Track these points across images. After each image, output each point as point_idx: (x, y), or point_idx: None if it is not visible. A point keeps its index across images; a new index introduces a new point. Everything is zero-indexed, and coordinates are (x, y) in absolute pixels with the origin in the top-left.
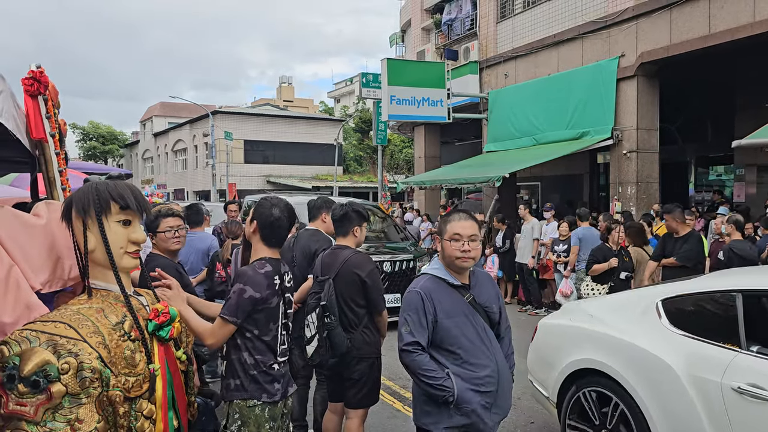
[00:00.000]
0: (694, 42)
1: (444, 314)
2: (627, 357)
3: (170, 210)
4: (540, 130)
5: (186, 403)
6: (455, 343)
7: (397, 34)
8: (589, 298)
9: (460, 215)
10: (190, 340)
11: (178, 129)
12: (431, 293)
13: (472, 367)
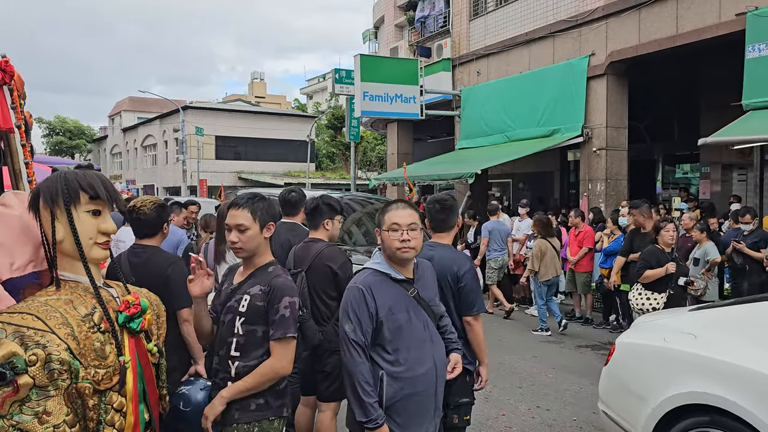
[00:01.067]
0: (662, 42)
1: (386, 311)
2: (758, 391)
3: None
4: (512, 127)
5: (157, 396)
6: (396, 341)
7: (371, 31)
8: (648, 311)
9: (398, 204)
10: (161, 332)
11: (147, 124)
12: (372, 289)
13: (411, 366)
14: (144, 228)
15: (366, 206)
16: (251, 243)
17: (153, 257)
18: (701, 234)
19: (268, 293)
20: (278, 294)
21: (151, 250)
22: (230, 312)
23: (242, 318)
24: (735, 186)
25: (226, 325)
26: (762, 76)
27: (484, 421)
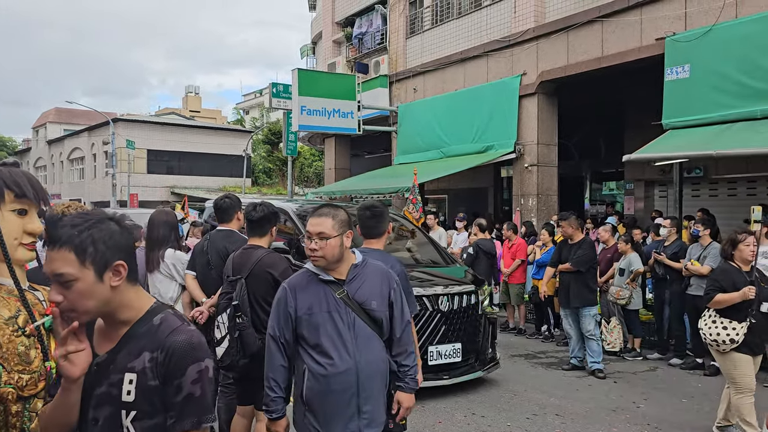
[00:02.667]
0: (588, 63)
1: (305, 310)
2: None
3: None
4: (447, 143)
5: None
6: (314, 339)
7: (308, 46)
8: (726, 343)
9: (317, 212)
10: None
11: (75, 137)
12: (296, 288)
13: (329, 364)
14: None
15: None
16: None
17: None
18: (626, 245)
19: (161, 363)
20: (178, 363)
21: None
22: (105, 403)
23: (131, 411)
24: (657, 202)
25: (101, 426)
26: (680, 97)
27: (421, 430)
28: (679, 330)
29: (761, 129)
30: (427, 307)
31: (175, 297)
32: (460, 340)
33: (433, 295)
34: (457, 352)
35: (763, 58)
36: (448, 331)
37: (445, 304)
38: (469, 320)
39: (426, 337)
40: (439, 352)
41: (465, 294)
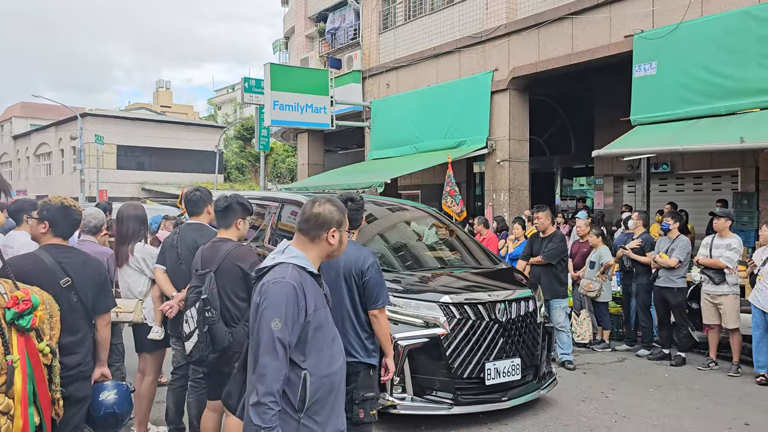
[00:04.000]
0: (559, 59)
1: (312, 308)
2: None
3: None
4: (420, 138)
5: (49, 399)
6: (316, 339)
7: (281, 41)
8: None
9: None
10: (54, 332)
11: (42, 131)
12: (302, 285)
13: (330, 362)
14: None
15: (395, 212)
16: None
17: (89, 260)
18: (597, 239)
19: None
20: None
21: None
22: None
23: None
24: (626, 197)
25: None
26: (648, 93)
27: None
28: (646, 322)
29: (725, 125)
30: (482, 316)
31: (144, 291)
32: (518, 354)
33: (489, 303)
34: (516, 368)
35: (726, 56)
36: (506, 344)
37: (502, 313)
38: (528, 330)
39: (482, 352)
40: (497, 369)
41: (523, 300)
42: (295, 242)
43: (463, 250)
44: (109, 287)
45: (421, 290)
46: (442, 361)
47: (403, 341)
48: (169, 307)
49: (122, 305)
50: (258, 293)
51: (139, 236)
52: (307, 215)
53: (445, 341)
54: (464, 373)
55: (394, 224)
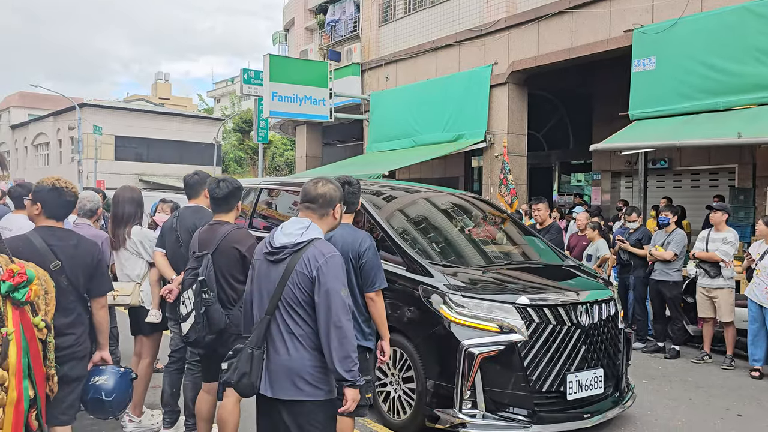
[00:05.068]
0: (558, 54)
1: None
2: None
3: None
4: (419, 132)
5: (44, 374)
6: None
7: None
8: None
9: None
10: (49, 308)
11: (40, 121)
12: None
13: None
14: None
15: (441, 200)
16: None
17: (81, 243)
18: (594, 232)
19: None
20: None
21: (75, 235)
22: None
23: None
24: (623, 192)
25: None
26: (646, 88)
27: None
28: (642, 315)
29: (723, 121)
30: (563, 320)
31: (141, 274)
32: (601, 365)
33: (571, 305)
34: (599, 380)
35: (725, 52)
36: (588, 352)
37: (584, 317)
38: (610, 337)
39: (563, 363)
40: (579, 381)
41: (604, 302)
42: (307, 218)
43: (523, 244)
44: (103, 270)
45: (493, 289)
46: (519, 372)
47: (474, 349)
48: (168, 291)
49: (119, 288)
50: (311, 266)
51: (136, 219)
52: (313, 194)
53: (523, 349)
54: (543, 387)
55: (442, 213)
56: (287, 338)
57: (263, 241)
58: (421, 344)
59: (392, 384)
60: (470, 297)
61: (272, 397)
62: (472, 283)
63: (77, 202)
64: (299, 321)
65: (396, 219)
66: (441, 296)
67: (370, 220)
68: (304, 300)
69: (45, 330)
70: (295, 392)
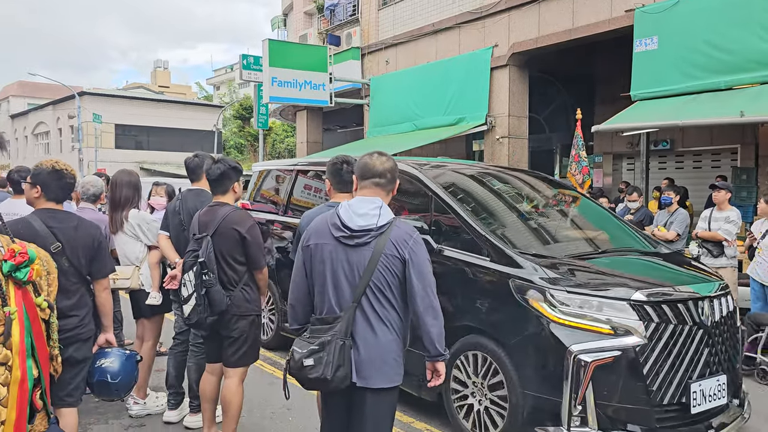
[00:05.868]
0: (559, 35)
1: None
2: None
3: None
4: (419, 115)
5: (47, 354)
6: None
7: (279, 18)
8: None
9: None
10: (52, 289)
11: (39, 110)
12: None
13: None
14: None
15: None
16: None
17: (81, 225)
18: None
19: None
20: None
21: (75, 217)
22: None
23: None
24: (625, 174)
25: None
26: (648, 68)
27: None
28: None
29: (725, 100)
30: (683, 319)
31: (141, 257)
32: (723, 370)
33: (692, 300)
34: (722, 388)
35: (727, 30)
36: (710, 356)
37: (706, 314)
38: (730, 336)
39: (685, 369)
40: (703, 391)
41: (723, 296)
42: (376, 197)
43: (611, 228)
44: (104, 252)
45: (599, 283)
46: (638, 382)
47: (586, 355)
48: (171, 279)
49: (119, 272)
50: (402, 248)
51: (133, 203)
52: (381, 169)
53: (642, 354)
54: (665, 398)
55: (516, 195)
56: (376, 324)
57: (322, 222)
58: (515, 348)
59: (475, 395)
60: (576, 293)
61: (362, 386)
62: (573, 276)
63: (81, 187)
64: (387, 305)
65: (469, 203)
66: (540, 292)
67: (441, 205)
68: (393, 283)
69: (48, 310)
70: (383, 380)
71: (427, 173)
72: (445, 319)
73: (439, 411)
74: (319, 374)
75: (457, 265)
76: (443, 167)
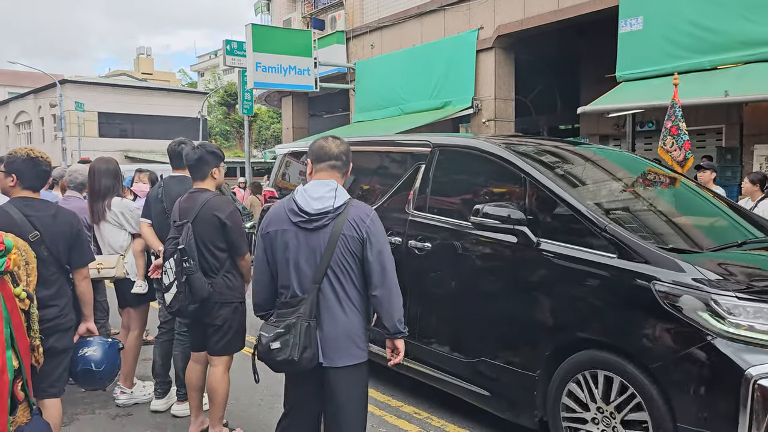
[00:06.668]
0: (544, 16)
1: None
2: None
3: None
4: (405, 99)
5: (27, 344)
6: None
7: (263, 3)
8: None
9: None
10: (31, 279)
11: (20, 99)
12: None
13: None
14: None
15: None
16: None
17: (59, 213)
18: None
19: None
20: None
21: (53, 205)
22: None
23: None
24: None
25: None
26: (633, 49)
27: None
28: None
29: (709, 80)
30: None
31: (125, 246)
32: None
33: None
34: None
35: (711, 10)
36: None
37: None
38: None
39: None
40: None
41: None
42: (332, 179)
43: (726, 216)
44: (83, 241)
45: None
46: None
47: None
48: (155, 268)
49: (103, 261)
50: (360, 228)
51: (114, 191)
52: (336, 152)
53: None
54: None
55: (623, 177)
56: (342, 304)
57: (279, 209)
58: (663, 371)
59: (597, 421)
60: (750, 299)
61: (328, 366)
62: (738, 277)
63: (68, 175)
64: (349, 285)
65: (577, 187)
66: (699, 298)
67: (540, 190)
68: (353, 263)
69: (27, 300)
70: (350, 357)
71: (518, 151)
72: (548, 329)
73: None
74: (286, 356)
75: (565, 263)
76: (533, 146)
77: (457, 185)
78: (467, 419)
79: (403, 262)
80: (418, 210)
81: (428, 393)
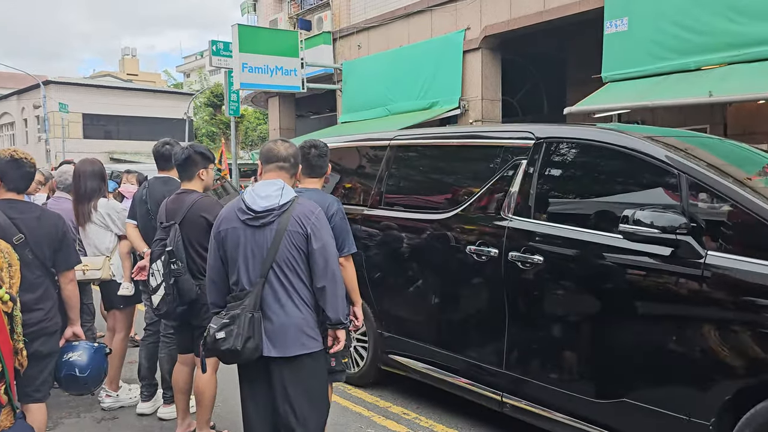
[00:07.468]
0: (531, 17)
1: None
2: None
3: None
4: (392, 100)
5: (11, 347)
6: None
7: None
8: None
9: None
10: (14, 281)
11: (3, 100)
12: None
13: None
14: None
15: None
16: None
17: (44, 215)
18: None
19: None
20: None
21: (38, 207)
22: None
23: None
24: None
25: None
26: (618, 49)
27: None
28: None
29: (694, 80)
30: None
31: (111, 247)
32: None
33: None
34: None
35: (696, 11)
36: None
37: None
38: None
39: None
40: None
41: None
42: (279, 179)
43: None
44: (69, 243)
45: None
46: None
47: None
48: (139, 269)
49: (89, 262)
50: (304, 224)
51: (101, 193)
52: (285, 154)
53: None
54: None
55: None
56: (286, 297)
57: (230, 208)
58: None
59: None
60: None
61: (276, 357)
62: None
63: (58, 176)
64: (295, 279)
65: (748, 188)
66: None
67: (710, 191)
68: (299, 258)
69: (10, 303)
70: (300, 348)
71: (669, 144)
72: (718, 371)
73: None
74: (229, 346)
75: (753, 283)
76: (680, 140)
77: (577, 186)
78: (455, 419)
79: (500, 279)
80: (519, 216)
81: (416, 394)
